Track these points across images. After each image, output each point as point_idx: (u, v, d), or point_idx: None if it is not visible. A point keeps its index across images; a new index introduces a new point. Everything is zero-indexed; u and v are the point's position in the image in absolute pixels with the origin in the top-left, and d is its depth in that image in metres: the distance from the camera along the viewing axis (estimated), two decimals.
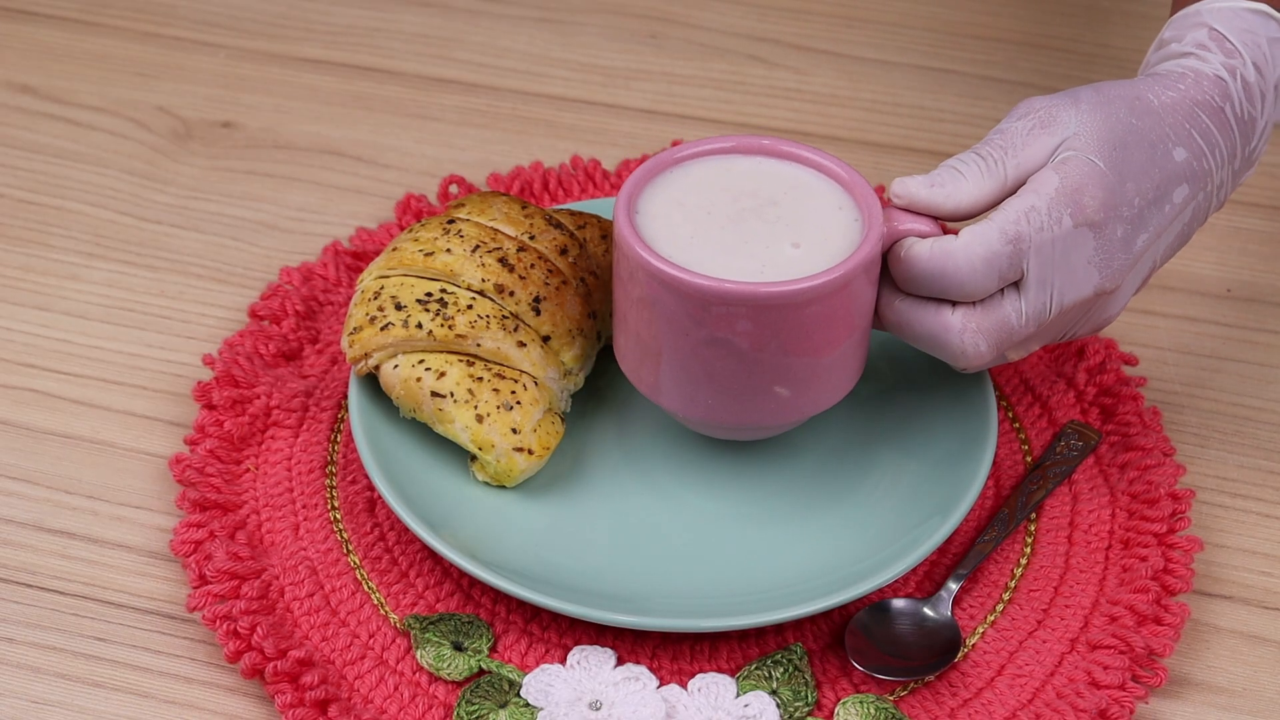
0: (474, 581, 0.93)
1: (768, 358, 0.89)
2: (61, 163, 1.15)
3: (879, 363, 1.01)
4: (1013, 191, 0.89)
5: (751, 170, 0.93)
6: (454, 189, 1.12)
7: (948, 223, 0.92)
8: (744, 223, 0.91)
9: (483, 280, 0.95)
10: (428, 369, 0.94)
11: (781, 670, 0.89)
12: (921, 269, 0.88)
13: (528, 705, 0.88)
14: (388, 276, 0.97)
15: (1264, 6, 0.92)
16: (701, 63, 1.23)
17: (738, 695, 0.88)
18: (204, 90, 1.20)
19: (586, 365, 0.97)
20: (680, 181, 0.93)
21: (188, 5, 1.26)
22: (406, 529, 0.95)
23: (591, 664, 0.89)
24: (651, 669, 0.90)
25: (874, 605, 0.92)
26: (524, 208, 0.99)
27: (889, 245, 0.90)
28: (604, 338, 0.99)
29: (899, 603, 0.92)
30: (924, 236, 0.90)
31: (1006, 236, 0.87)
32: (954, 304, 0.89)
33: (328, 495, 0.97)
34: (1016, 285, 0.89)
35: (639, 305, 0.90)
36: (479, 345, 0.94)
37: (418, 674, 0.90)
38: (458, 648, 0.90)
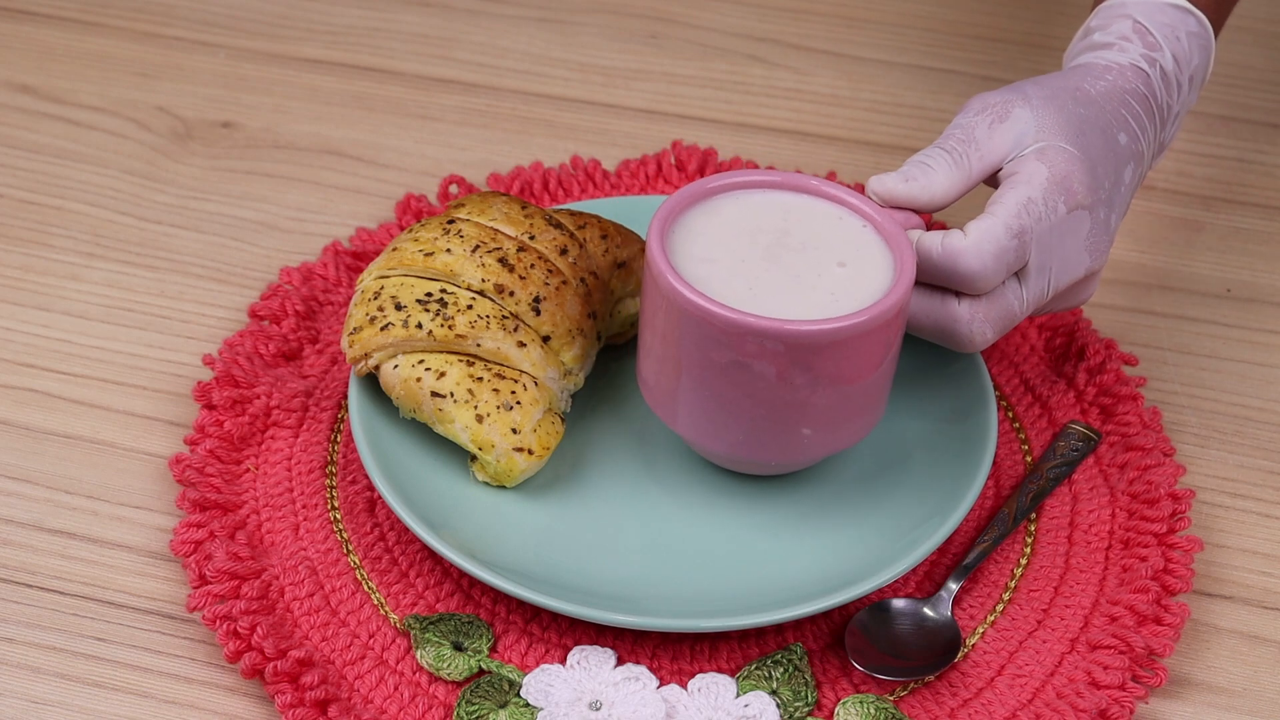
0: (474, 581, 0.93)
1: (796, 394, 0.89)
2: (61, 163, 1.15)
3: None
4: (977, 183, 0.93)
5: (782, 205, 0.93)
6: (454, 189, 1.12)
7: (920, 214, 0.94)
8: (779, 258, 0.91)
9: (483, 280, 0.95)
10: (428, 369, 0.94)
11: (781, 670, 0.89)
12: (933, 265, 0.91)
13: (528, 705, 0.88)
14: (388, 276, 0.97)
15: (1183, 2, 0.97)
16: (702, 63, 1.23)
17: (738, 695, 0.88)
18: (204, 90, 1.20)
19: (586, 365, 0.97)
20: (712, 215, 0.93)
21: (188, 5, 1.26)
22: (406, 529, 0.95)
23: (591, 664, 0.89)
24: (651, 669, 0.90)
25: (874, 605, 0.92)
26: (524, 208, 0.99)
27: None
28: (604, 338, 0.99)
29: (899, 603, 0.92)
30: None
31: (1012, 231, 0.90)
32: (959, 295, 0.91)
33: (328, 495, 0.97)
34: (1017, 274, 0.92)
35: (665, 336, 0.90)
36: (479, 345, 0.94)
37: (418, 674, 0.90)
38: (458, 648, 0.90)
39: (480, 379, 0.94)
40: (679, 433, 0.93)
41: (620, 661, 0.90)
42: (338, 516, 0.96)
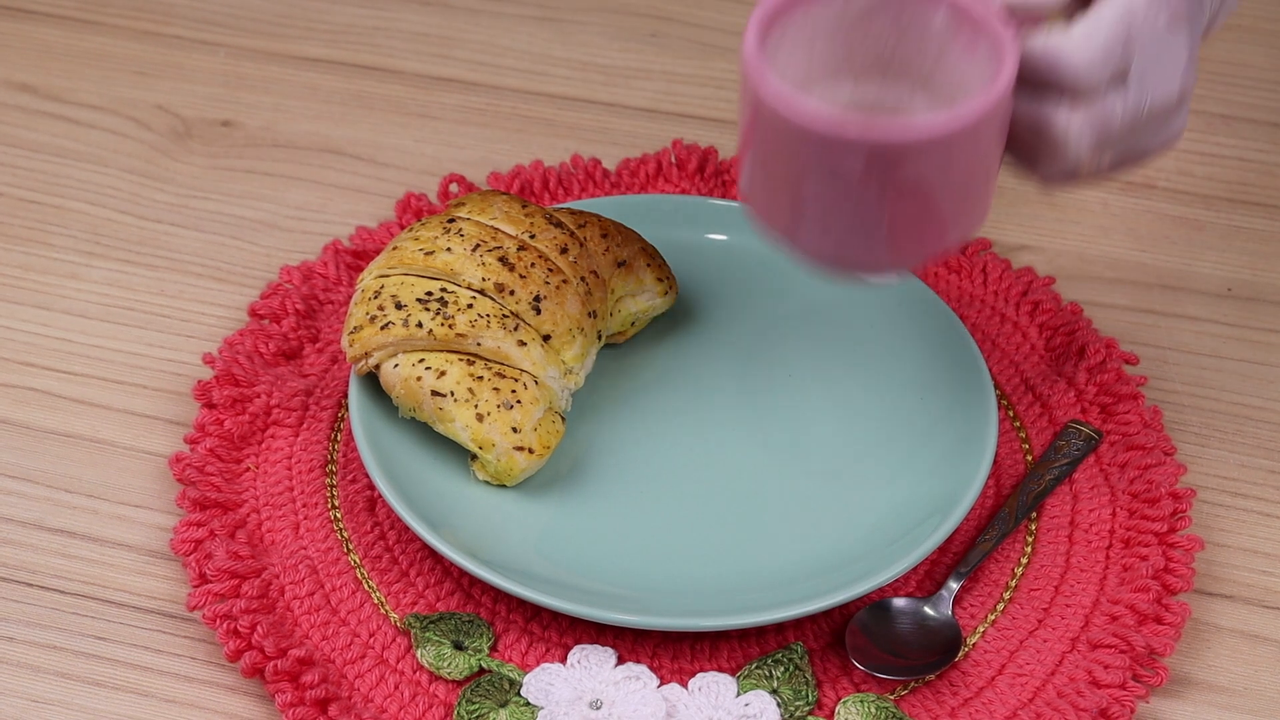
0: (474, 580, 0.93)
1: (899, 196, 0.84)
2: (61, 161, 1.15)
3: (880, 362, 1.01)
4: None
5: (860, 7, 0.88)
6: (454, 188, 1.12)
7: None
8: (851, 75, 0.88)
9: (483, 279, 0.95)
10: (428, 368, 0.94)
11: (782, 669, 0.89)
12: (1036, 58, 0.86)
13: (528, 704, 0.88)
14: (388, 275, 0.97)
15: None
16: (702, 61, 1.23)
17: (738, 694, 0.88)
18: (204, 89, 1.20)
19: (587, 364, 0.97)
20: (791, 31, 0.87)
21: (187, 4, 1.26)
22: (407, 528, 0.95)
23: (592, 663, 0.89)
24: (652, 668, 0.90)
25: (874, 604, 0.92)
26: (524, 206, 0.99)
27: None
28: (604, 337, 0.99)
29: (899, 602, 0.92)
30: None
31: (1120, 29, 0.86)
32: (1058, 96, 0.87)
33: (328, 494, 0.97)
34: (1117, 80, 0.87)
35: (771, 152, 0.85)
36: (479, 344, 0.94)
37: (418, 673, 0.90)
38: (458, 647, 0.90)
39: (480, 378, 0.94)
40: (785, 238, 0.87)
41: (621, 660, 0.90)
42: (338, 515, 0.96)
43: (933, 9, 0.88)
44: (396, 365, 0.95)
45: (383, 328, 0.95)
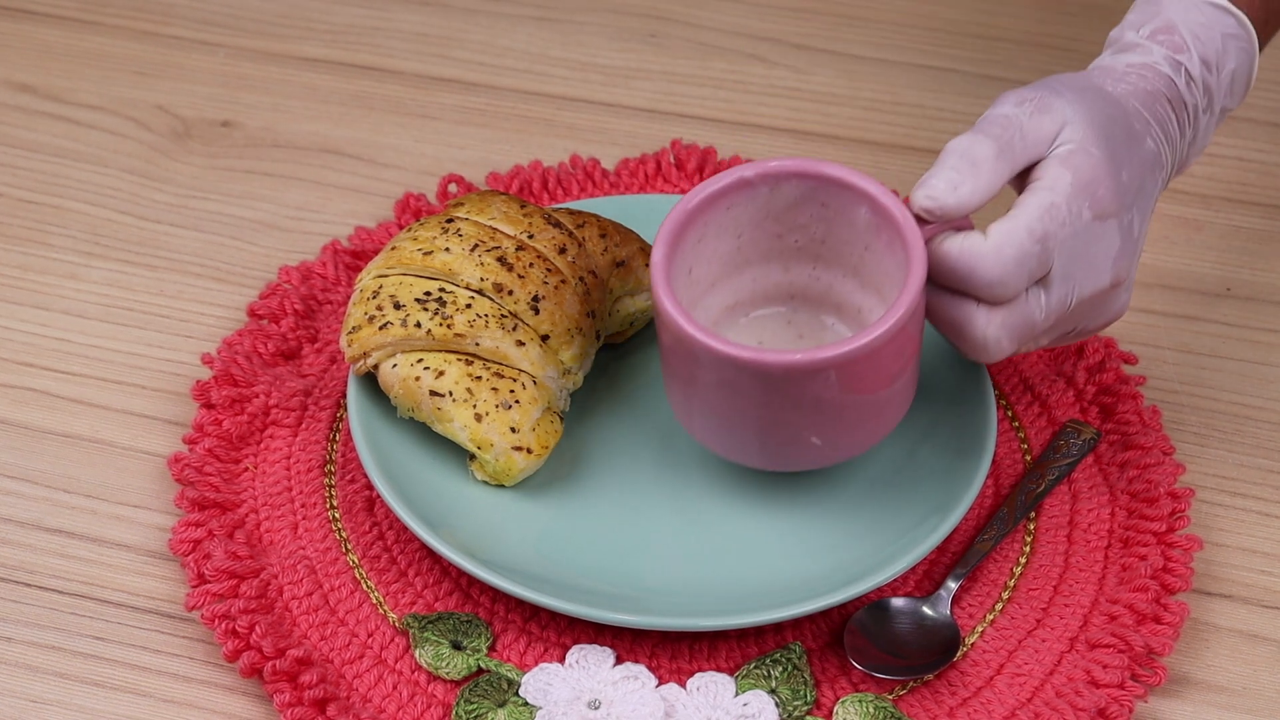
0: (473, 580, 0.93)
1: (809, 414, 0.89)
2: (60, 162, 1.15)
3: None
4: (1015, 174, 0.89)
5: (785, 199, 0.93)
6: (453, 188, 1.12)
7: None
8: (782, 260, 0.93)
9: (481, 279, 0.95)
10: (426, 368, 0.94)
11: (780, 669, 0.89)
12: (951, 266, 0.88)
13: (526, 704, 0.88)
14: (386, 275, 0.97)
15: (1223, 1, 0.93)
16: (701, 61, 1.23)
17: (736, 694, 0.88)
18: (203, 89, 1.20)
19: (585, 364, 0.97)
20: (692, 234, 0.93)
21: (187, 4, 1.26)
22: (405, 528, 0.95)
23: (590, 663, 0.89)
24: (650, 668, 0.89)
25: (873, 604, 0.92)
26: (523, 207, 0.99)
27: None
28: (603, 336, 0.99)
29: (898, 602, 0.92)
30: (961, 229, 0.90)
31: (1035, 235, 0.87)
32: (978, 301, 0.89)
33: (326, 494, 0.97)
34: (1039, 282, 0.89)
35: (675, 359, 0.90)
36: (477, 344, 0.94)
37: (416, 673, 0.90)
38: (456, 646, 0.90)
39: (479, 378, 0.94)
40: (705, 445, 0.93)
41: (619, 660, 0.90)
42: (336, 515, 0.96)
43: (856, 204, 0.91)
44: (395, 365, 0.95)
45: (381, 328, 0.95)
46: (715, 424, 0.91)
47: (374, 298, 0.96)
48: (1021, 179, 0.90)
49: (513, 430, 0.93)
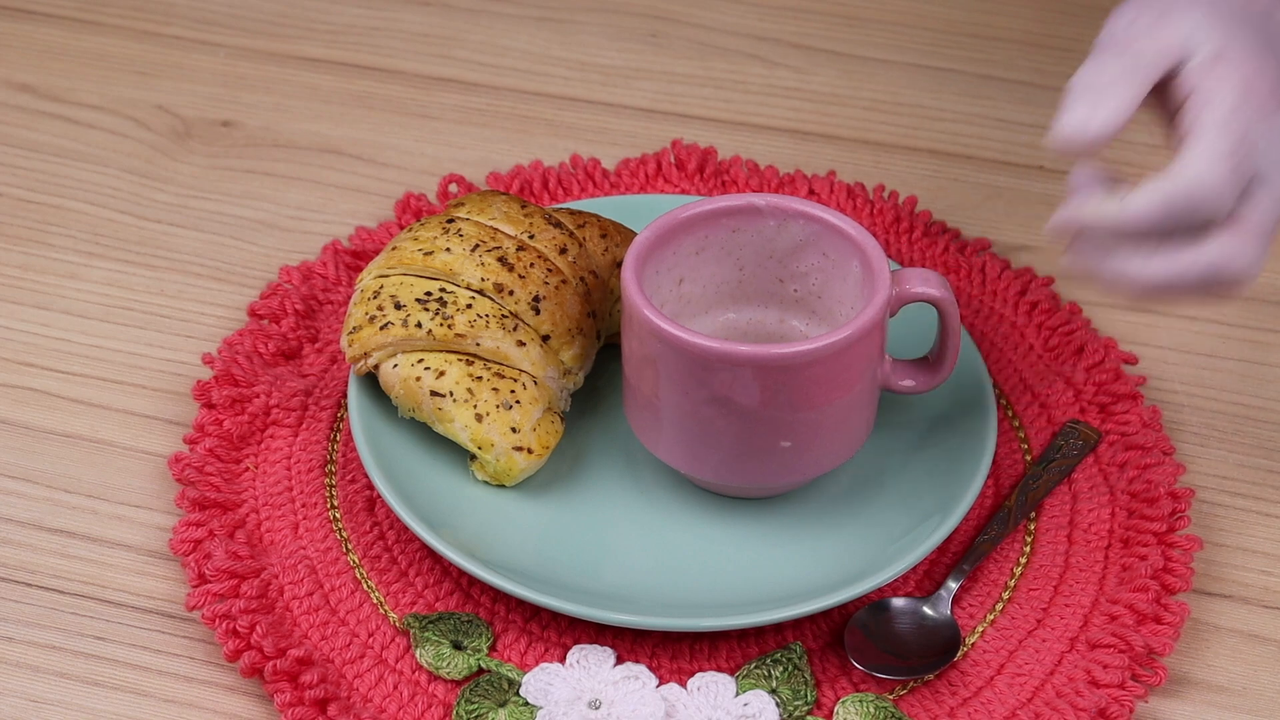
0: (473, 580, 0.93)
1: (771, 416, 0.89)
2: (61, 161, 1.15)
3: None
4: (1150, 87, 0.84)
5: (791, 240, 0.94)
6: (454, 188, 1.12)
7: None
8: (754, 283, 0.94)
9: (482, 279, 0.95)
10: (427, 368, 0.94)
11: (781, 669, 0.89)
12: (1164, 206, 0.82)
13: (527, 704, 0.88)
14: (387, 276, 0.97)
15: None
16: (701, 61, 1.23)
17: (737, 694, 0.88)
18: (203, 89, 1.20)
19: (586, 364, 0.97)
20: (688, 242, 0.94)
21: (187, 4, 1.26)
22: (406, 528, 0.95)
23: (591, 663, 0.89)
24: (651, 668, 0.90)
25: (873, 604, 0.92)
26: (523, 207, 0.99)
27: (898, 307, 0.91)
28: (603, 336, 0.99)
29: (898, 601, 0.92)
30: (932, 302, 0.91)
31: (1230, 136, 0.82)
32: (1204, 231, 0.83)
33: (327, 494, 0.97)
34: (1245, 191, 0.83)
35: (643, 364, 0.90)
36: (478, 344, 0.94)
37: (417, 673, 0.90)
38: (457, 646, 0.90)
39: (480, 378, 0.94)
40: (668, 462, 0.93)
41: (620, 660, 0.90)
42: (337, 515, 0.96)
43: (851, 256, 0.93)
44: (396, 365, 0.95)
45: (382, 328, 0.95)
46: (682, 434, 0.91)
47: (375, 298, 0.96)
48: (1158, 94, 0.85)
49: (513, 430, 0.93)
